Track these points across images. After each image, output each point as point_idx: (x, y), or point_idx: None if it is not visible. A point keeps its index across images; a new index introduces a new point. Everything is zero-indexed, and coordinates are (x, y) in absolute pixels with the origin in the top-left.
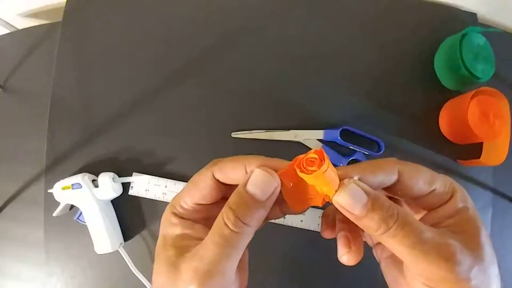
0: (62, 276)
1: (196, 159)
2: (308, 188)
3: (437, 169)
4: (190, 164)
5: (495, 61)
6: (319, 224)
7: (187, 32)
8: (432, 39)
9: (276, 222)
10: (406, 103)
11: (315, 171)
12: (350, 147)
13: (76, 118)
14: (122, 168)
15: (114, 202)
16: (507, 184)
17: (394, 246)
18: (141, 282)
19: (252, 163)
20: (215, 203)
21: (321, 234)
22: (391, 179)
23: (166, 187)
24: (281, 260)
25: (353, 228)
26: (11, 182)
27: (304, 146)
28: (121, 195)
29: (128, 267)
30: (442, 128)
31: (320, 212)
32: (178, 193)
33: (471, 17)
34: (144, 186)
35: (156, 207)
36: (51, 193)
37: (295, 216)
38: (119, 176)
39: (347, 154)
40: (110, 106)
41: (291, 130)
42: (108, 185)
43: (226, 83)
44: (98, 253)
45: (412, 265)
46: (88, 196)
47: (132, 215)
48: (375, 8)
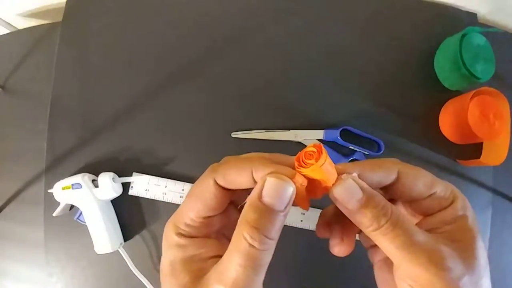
0: (62, 276)
1: (196, 159)
2: (315, 183)
3: (437, 169)
4: (190, 164)
5: (495, 61)
6: None
7: (187, 32)
8: (432, 39)
9: None
10: (406, 103)
11: (313, 164)
12: (350, 147)
13: (76, 118)
14: (122, 168)
15: (114, 202)
16: (507, 184)
17: (385, 245)
18: (141, 282)
19: (259, 169)
20: (222, 212)
21: (315, 233)
22: (390, 178)
23: (166, 187)
24: (280, 260)
25: (348, 224)
26: (11, 182)
27: (304, 146)
28: (121, 195)
29: (128, 267)
30: (442, 128)
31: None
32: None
33: (471, 17)
34: (144, 186)
35: (156, 207)
36: (51, 193)
37: (295, 216)
38: (119, 176)
39: (347, 154)
40: (110, 106)
41: (291, 130)
42: (108, 185)
43: (226, 83)
44: (98, 253)
45: (400, 265)
46: (88, 196)
47: (132, 215)
48: (375, 8)
